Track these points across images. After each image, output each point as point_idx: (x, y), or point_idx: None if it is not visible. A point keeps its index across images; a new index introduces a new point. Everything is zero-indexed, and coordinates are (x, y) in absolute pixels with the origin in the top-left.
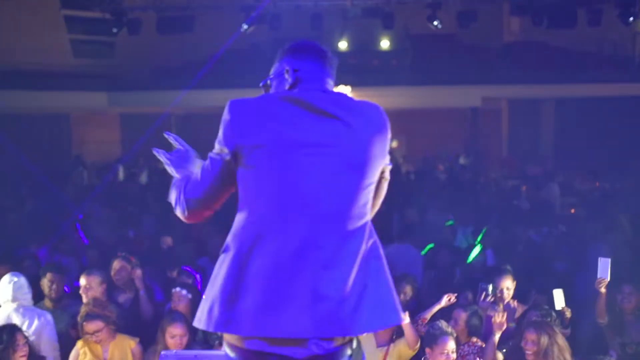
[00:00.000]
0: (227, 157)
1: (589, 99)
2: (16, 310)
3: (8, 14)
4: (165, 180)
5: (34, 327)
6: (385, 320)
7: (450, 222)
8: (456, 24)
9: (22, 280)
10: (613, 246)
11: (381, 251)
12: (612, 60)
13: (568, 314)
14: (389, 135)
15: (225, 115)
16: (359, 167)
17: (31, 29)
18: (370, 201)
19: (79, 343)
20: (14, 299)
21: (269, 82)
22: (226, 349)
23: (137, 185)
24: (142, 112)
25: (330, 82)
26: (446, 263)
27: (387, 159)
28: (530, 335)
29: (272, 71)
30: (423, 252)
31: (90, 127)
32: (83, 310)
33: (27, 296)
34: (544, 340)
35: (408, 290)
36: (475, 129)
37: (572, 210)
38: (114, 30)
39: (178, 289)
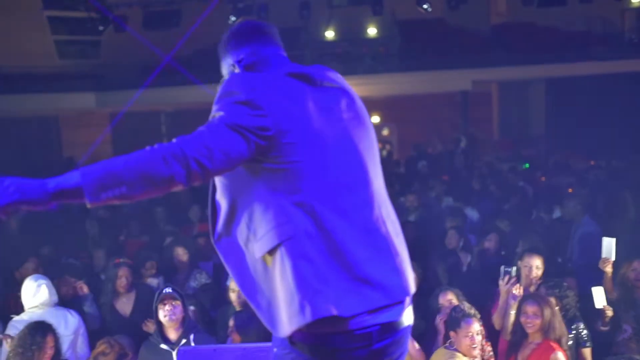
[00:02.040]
0: (266, 134)
1: (580, 78)
2: (49, 311)
3: None
4: None
5: (71, 326)
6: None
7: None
8: (445, 6)
9: (48, 282)
10: (620, 224)
11: None
12: (601, 37)
13: (609, 312)
14: None
15: (245, 90)
16: (370, 128)
17: (14, 32)
18: None
19: None
20: (44, 302)
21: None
22: (307, 347)
23: None
24: (131, 110)
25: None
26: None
27: None
28: (531, 308)
29: (227, 63)
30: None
31: (80, 128)
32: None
33: (56, 297)
34: (547, 312)
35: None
36: (466, 113)
37: (570, 190)
38: (100, 28)
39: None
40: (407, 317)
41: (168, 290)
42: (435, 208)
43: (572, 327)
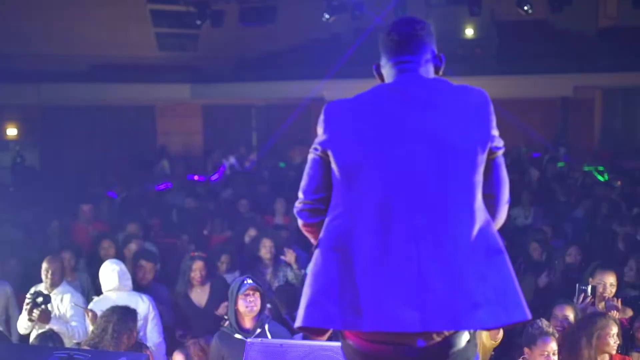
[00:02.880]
0: (319, 153)
1: None
2: (121, 296)
3: (97, 9)
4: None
5: (141, 311)
6: (508, 315)
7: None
8: (548, 8)
9: (123, 267)
10: None
11: (502, 244)
12: None
13: None
14: (492, 117)
15: (320, 118)
16: (455, 151)
17: (118, 23)
18: (477, 187)
19: None
20: (116, 287)
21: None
22: (341, 340)
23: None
24: (224, 103)
25: (427, 65)
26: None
27: (495, 141)
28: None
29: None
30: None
31: (174, 118)
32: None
33: (129, 282)
34: None
35: None
36: (565, 121)
37: None
38: (198, 22)
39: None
40: (437, 348)
41: (249, 281)
42: (521, 219)
43: None
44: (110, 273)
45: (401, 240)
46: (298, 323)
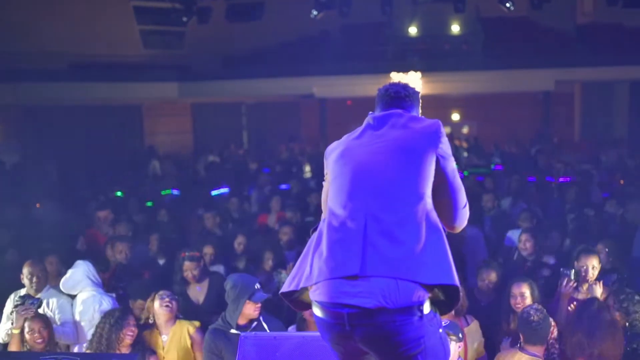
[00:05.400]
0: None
1: None
2: (85, 295)
3: (79, 7)
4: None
5: (104, 309)
6: (439, 277)
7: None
8: (529, 5)
9: (88, 267)
10: None
11: (440, 226)
12: None
13: None
14: (441, 136)
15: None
16: (406, 151)
17: (102, 21)
18: (423, 179)
19: None
20: (82, 286)
21: None
22: (314, 310)
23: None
24: (213, 101)
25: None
26: None
27: (442, 152)
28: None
29: None
30: None
31: (161, 117)
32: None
33: (83, 284)
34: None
35: (493, 276)
36: (547, 114)
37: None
38: (184, 19)
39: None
40: (382, 309)
41: (265, 294)
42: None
43: (634, 344)
44: (74, 273)
45: (354, 213)
46: (293, 287)
